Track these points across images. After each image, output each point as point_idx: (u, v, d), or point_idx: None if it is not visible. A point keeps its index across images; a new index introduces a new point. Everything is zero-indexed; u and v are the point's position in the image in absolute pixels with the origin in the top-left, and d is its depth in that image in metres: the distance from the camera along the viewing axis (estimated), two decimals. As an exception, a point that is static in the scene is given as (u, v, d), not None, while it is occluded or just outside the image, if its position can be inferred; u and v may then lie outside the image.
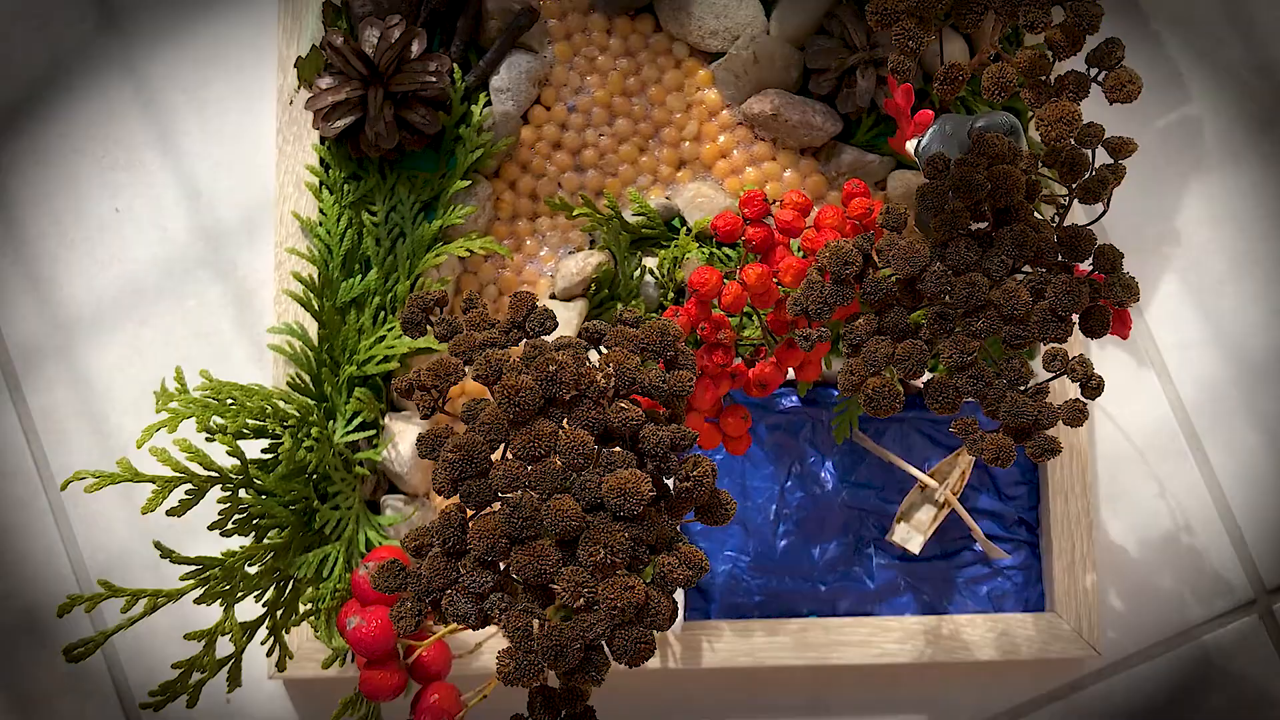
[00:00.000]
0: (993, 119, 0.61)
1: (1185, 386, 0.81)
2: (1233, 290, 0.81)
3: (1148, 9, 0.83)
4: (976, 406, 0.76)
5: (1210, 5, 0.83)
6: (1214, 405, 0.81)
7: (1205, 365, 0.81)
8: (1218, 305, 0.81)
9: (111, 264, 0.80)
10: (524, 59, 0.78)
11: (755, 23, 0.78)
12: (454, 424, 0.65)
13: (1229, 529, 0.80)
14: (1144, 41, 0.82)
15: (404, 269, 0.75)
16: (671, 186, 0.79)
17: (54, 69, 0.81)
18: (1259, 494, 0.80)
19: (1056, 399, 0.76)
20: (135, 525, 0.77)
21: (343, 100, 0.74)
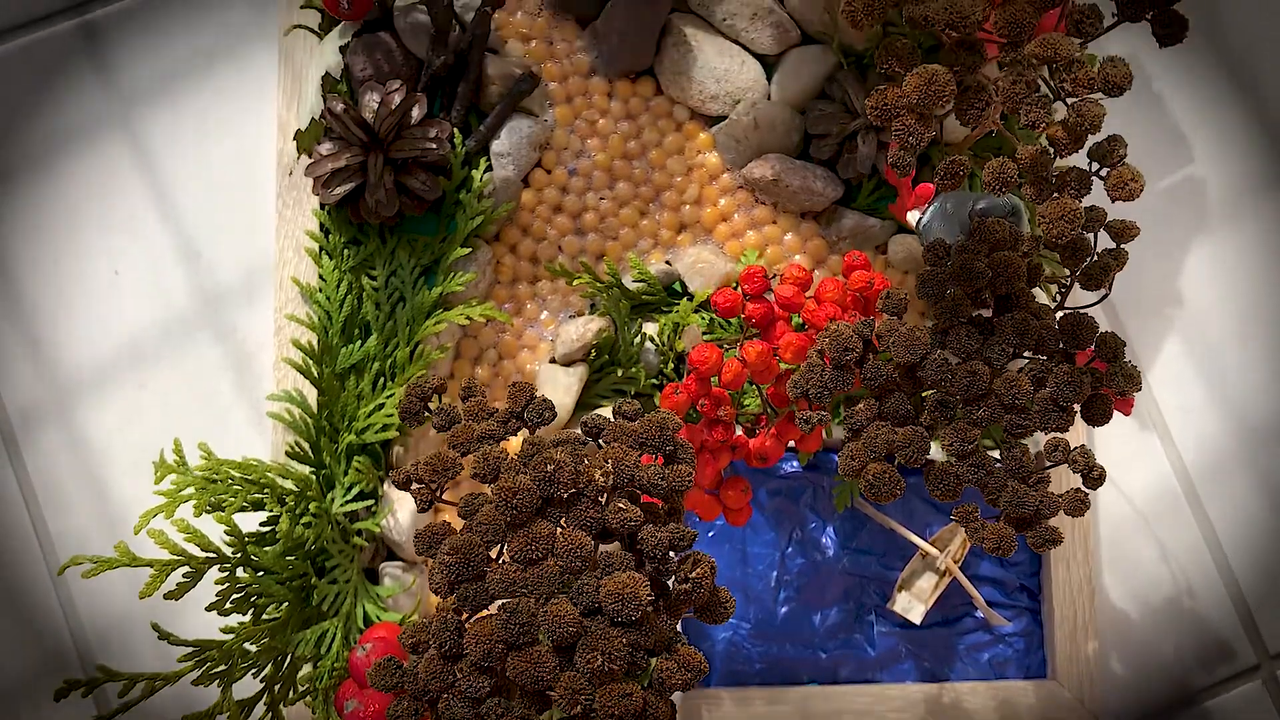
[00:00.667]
0: (994, 200, 0.60)
1: (1187, 449, 0.81)
2: (1235, 352, 0.81)
3: (1151, 70, 0.82)
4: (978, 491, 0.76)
5: (1213, 65, 0.83)
6: (1216, 468, 0.80)
7: (1207, 428, 0.81)
8: (1220, 368, 0.81)
9: (110, 326, 0.79)
10: (525, 123, 0.77)
11: (756, 87, 0.78)
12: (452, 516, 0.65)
13: (1231, 593, 0.80)
14: (1147, 102, 0.82)
15: (404, 335, 0.75)
16: (672, 250, 0.79)
17: (53, 130, 0.81)
18: (1262, 558, 0.80)
19: (1057, 478, 0.75)
20: (135, 589, 0.77)
21: (342, 167, 0.74)
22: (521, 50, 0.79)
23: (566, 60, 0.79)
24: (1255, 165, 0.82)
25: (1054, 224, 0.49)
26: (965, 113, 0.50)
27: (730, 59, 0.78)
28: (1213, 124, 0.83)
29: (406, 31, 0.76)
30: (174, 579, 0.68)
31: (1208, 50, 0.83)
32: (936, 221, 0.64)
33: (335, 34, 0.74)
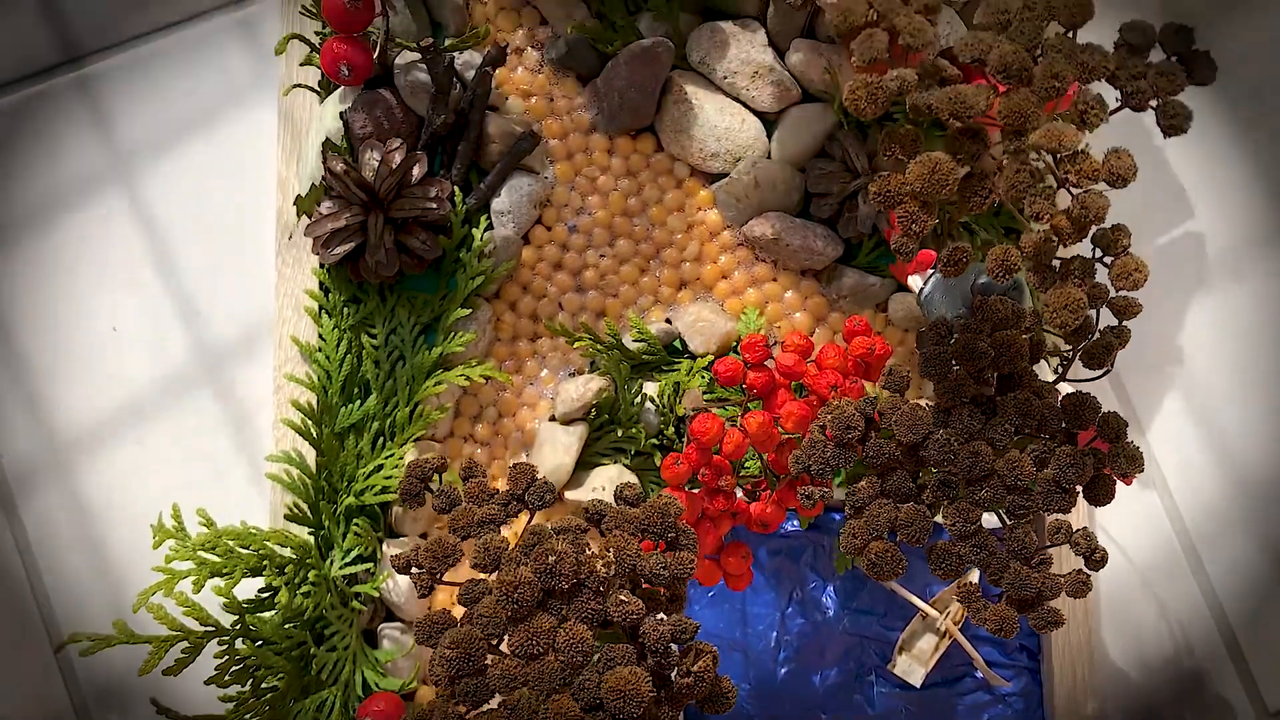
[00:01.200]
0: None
1: (1187, 507, 0.80)
2: (1236, 410, 0.81)
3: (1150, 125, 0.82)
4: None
5: (1215, 119, 0.83)
6: (1216, 525, 0.80)
7: (1207, 485, 0.81)
8: (1220, 425, 0.81)
9: (109, 383, 0.79)
10: (525, 181, 0.77)
11: (757, 144, 0.78)
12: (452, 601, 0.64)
13: (1231, 652, 0.79)
14: (1148, 157, 0.82)
15: (403, 394, 0.75)
16: (672, 308, 0.79)
17: (51, 184, 0.80)
18: (1262, 617, 0.80)
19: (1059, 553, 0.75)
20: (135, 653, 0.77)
21: (342, 227, 0.74)
22: (522, 106, 0.79)
23: (567, 117, 0.79)
24: (1256, 220, 0.82)
25: (1057, 313, 0.49)
26: (968, 200, 0.50)
27: (731, 117, 0.78)
28: (1214, 178, 0.83)
29: (407, 90, 0.76)
30: (173, 654, 0.67)
31: (1209, 104, 0.83)
32: (938, 293, 0.64)
33: (335, 98, 0.74)
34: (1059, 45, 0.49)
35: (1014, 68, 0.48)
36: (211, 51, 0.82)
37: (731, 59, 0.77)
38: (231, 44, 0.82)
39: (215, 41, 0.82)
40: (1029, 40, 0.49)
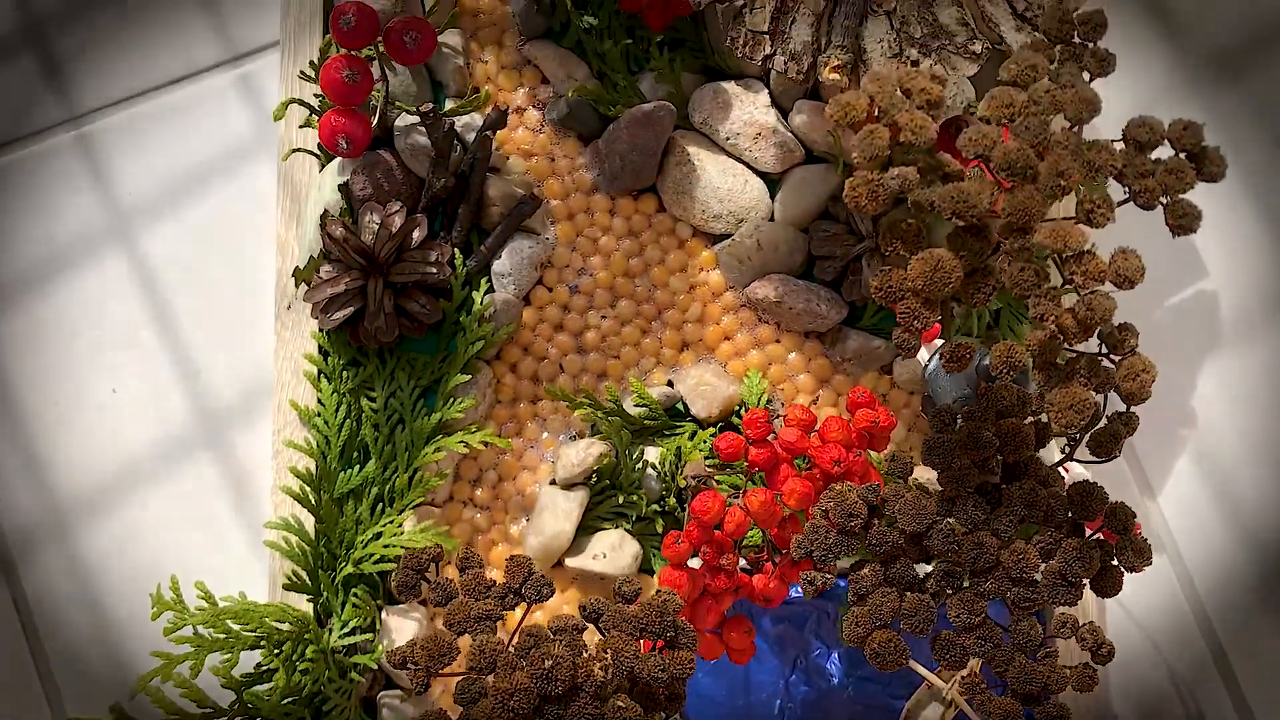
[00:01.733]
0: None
1: (1198, 570, 0.79)
2: (1248, 472, 0.80)
3: (1160, 182, 0.81)
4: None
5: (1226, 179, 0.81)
6: (1228, 590, 0.79)
7: (1218, 549, 0.79)
8: (1232, 487, 0.80)
9: (108, 445, 0.79)
10: (526, 243, 0.77)
11: (759, 206, 0.77)
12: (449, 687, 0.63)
13: (1243, 717, 0.78)
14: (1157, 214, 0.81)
15: (402, 460, 0.74)
16: (674, 370, 0.78)
17: (51, 244, 0.80)
18: (1274, 683, 0.79)
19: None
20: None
21: (341, 292, 0.73)
22: (523, 166, 0.78)
23: (568, 177, 0.79)
24: (1269, 280, 0.81)
25: (1063, 413, 0.48)
26: (972, 297, 0.49)
27: (733, 178, 0.77)
28: (1225, 237, 0.82)
29: (407, 152, 0.76)
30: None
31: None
32: (944, 374, 0.63)
33: (333, 169, 0.73)
34: (1065, 141, 0.48)
35: (1018, 165, 0.48)
36: (211, 109, 0.81)
37: (734, 120, 0.77)
38: (231, 101, 0.82)
39: (215, 99, 0.82)
40: (1034, 136, 0.48)
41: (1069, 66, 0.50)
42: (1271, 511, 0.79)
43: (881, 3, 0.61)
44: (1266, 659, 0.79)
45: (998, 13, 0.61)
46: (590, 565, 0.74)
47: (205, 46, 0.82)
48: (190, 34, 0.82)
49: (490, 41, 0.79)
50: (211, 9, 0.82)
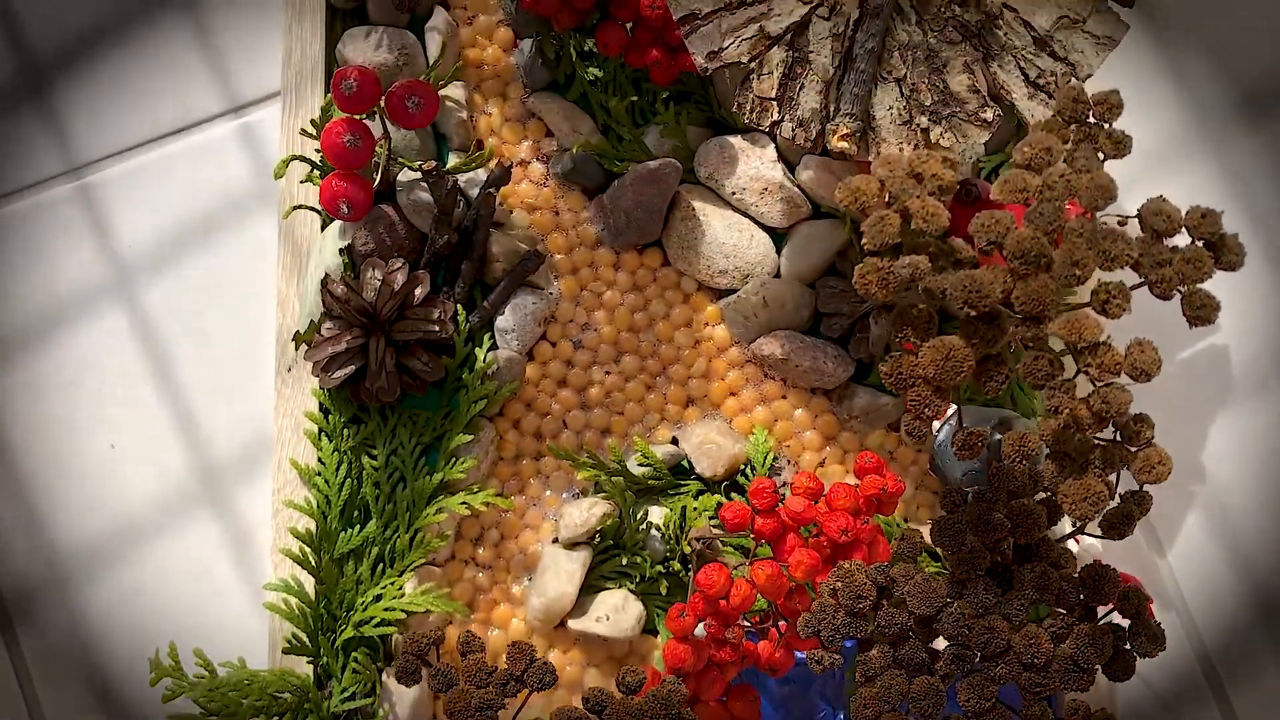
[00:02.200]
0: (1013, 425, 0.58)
1: (1208, 629, 0.78)
2: (1259, 531, 0.79)
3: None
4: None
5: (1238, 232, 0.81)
6: (1239, 649, 0.78)
7: (1229, 606, 0.79)
8: (1243, 545, 0.79)
9: (108, 501, 0.78)
10: (529, 299, 0.76)
11: (766, 261, 0.76)
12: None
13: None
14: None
15: (404, 520, 0.74)
16: (679, 426, 0.77)
17: (50, 297, 0.79)
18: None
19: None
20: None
21: (343, 350, 0.72)
22: (526, 220, 0.77)
23: (572, 231, 0.78)
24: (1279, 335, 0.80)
25: (1076, 505, 0.48)
26: (985, 385, 0.48)
27: (739, 234, 0.76)
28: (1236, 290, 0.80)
29: (410, 208, 0.75)
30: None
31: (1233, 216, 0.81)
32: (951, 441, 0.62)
33: (335, 230, 0.72)
34: (1080, 229, 0.47)
35: (1032, 254, 0.47)
36: (211, 160, 0.81)
37: (740, 175, 0.76)
38: (231, 152, 0.81)
39: (215, 149, 0.81)
40: (1048, 222, 0.48)
41: (1084, 148, 0.50)
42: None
43: (891, 70, 0.60)
44: (1277, 717, 0.78)
45: (1009, 80, 0.61)
46: (593, 628, 0.73)
47: (205, 96, 0.81)
48: (190, 83, 0.81)
49: (494, 94, 0.78)
50: (212, 58, 0.81)
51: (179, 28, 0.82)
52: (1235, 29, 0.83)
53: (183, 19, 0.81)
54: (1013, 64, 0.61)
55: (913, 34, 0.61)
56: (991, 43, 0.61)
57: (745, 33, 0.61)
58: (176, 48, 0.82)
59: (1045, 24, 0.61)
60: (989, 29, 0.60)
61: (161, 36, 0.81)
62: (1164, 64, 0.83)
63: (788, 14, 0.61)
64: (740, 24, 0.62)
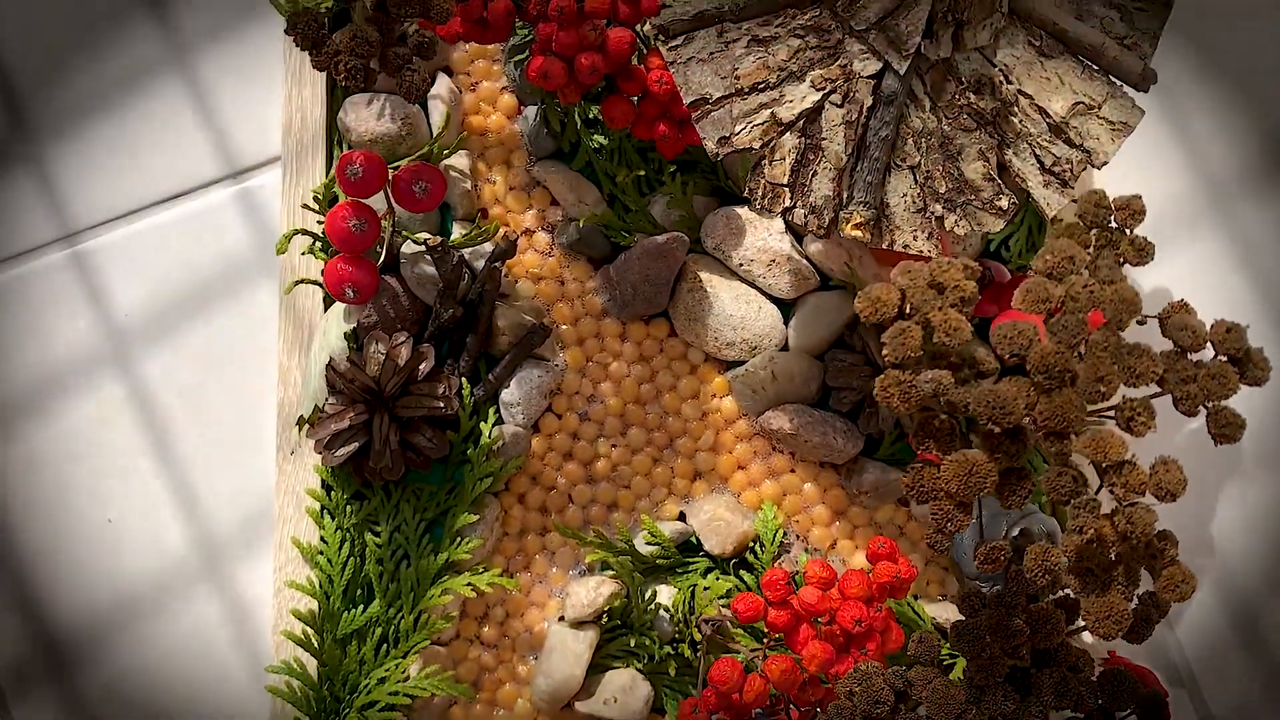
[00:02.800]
0: (1032, 521, 0.58)
1: (1218, 705, 0.78)
2: (1269, 604, 0.78)
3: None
4: None
5: (1249, 310, 0.80)
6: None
7: (1240, 681, 0.78)
8: (1253, 619, 0.78)
9: (105, 577, 0.77)
10: (535, 372, 0.75)
11: (774, 333, 0.75)
12: None
13: None
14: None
15: (408, 600, 0.72)
16: (687, 501, 0.76)
17: (47, 369, 0.78)
18: (1296, 818, 0.77)
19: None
20: None
21: (346, 428, 0.71)
22: (532, 290, 0.76)
23: (578, 301, 0.77)
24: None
25: (1100, 623, 0.47)
26: (1007, 499, 0.47)
27: (747, 305, 0.75)
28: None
29: (414, 280, 0.74)
30: None
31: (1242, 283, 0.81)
32: (969, 536, 0.61)
33: (339, 313, 0.71)
34: (1104, 343, 0.47)
35: (1055, 369, 0.46)
36: (210, 226, 0.79)
37: (748, 246, 0.75)
38: (231, 218, 0.80)
39: (214, 215, 0.80)
40: (1071, 336, 0.47)
41: (1106, 256, 0.49)
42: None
43: (905, 157, 0.60)
44: (1289, 793, 0.77)
45: (1025, 168, 0.60)
46: (601, 711, 0.72)
47: (204, 161, 0.80)
48: (188, 148, 0.80)
49: (498, 161, 0.77)
50: (210, 122, 0.80)
51: (176, 91, 0.80)
52: (1244, 95, 0.83)
53: (180, 82, 0.80)
54: (1028, 151, 0.60)
55: (927, 121, 0.60)
56: (1007, 130, 0.60)
57: (757, 118, 0.60)
58: (174, 111, 0.80)
59: (1061, 110, 0.60)
60: (1004, 116, 0.60)
61: (158, 99, 0.80)
62: (1172, 129, 0.82)
63: (800, 100, 0.60)
64: (751, 109, 0.61)
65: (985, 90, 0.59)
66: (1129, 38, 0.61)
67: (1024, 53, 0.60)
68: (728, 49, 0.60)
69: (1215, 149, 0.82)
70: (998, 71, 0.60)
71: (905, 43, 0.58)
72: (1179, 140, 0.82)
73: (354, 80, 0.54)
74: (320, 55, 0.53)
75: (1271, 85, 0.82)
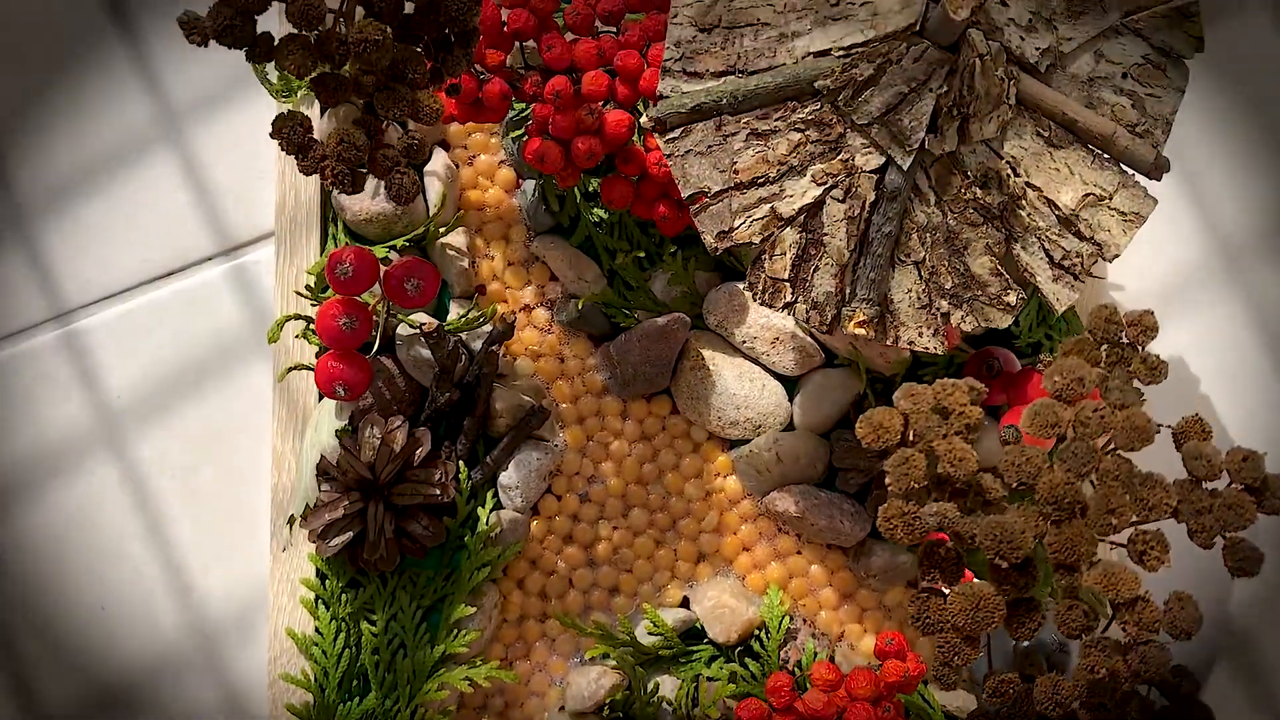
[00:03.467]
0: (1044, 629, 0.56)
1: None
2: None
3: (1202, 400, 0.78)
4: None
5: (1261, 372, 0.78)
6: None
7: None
8: (1272, 697, 0.76)
9: (98, 666, 0.75)
10: (534, 455, 0.73)
11: (778, 411, 0.74)
12: None
13: None
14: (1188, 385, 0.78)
15: (404, 692, 0.71)
16: (690, 585, 0.75)
17: (38, 451, 0.77)
18: None
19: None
20: None
21: (340, 517, 0.70)
22: (531, 368, 0.75)
23: (578, 379, 0.75)
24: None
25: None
26: (1016, 631, 0.45)
27: (750, 384, 0.73)
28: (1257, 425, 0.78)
29: (409, 362, 0.72)
30: None
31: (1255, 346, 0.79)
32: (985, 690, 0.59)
33: (331, 410, 0.69)
34: (1116, 470, 0.45)
35: (1065, 500, 0.44)
36: (203, 304, 0.78)
37: (751, 324, 0.73)
38: (224, 295, 0.78)
39: (207, 293, 0.78)
40: (1081, 464, 0.45)
41: (1118, 376, 0.47)
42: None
43: (910, 253, 0.58)
44: None
45: (1033, 262, 0.58)
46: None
47: (196, 236, 0.79)
48: (180, 223, 0.79)
49: (496, 237, 0.76)
50: (203, 199, 0.79)
51: (168, 164, 0.79)
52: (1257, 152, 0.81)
53: (171, 158, 0.79)
54: (1036, 245, 0.58)
55: (932, 215, 0.58)
56: (1014, 224, 0.58)
57: (756, 213, 0.59)
58: (165, 185, 0.79)
59: (1070, 202, 0.58)
60: (1012, 210, 0.58)
61: (149, 173, 0.79)
62: (1185, 191, 0.80)
63: (800, 195, 0.58)
64: (751, 204, 0.59)
65: (992, 184, 0.57)
66: (1141, 125, 0.59)
67: (1032, 143, 0.58)
68: (726, 142, 0.59)
69: (1228, 208, 0.81)
70: (1005, 164, 0.58)
71: (909, 138, 0.56)
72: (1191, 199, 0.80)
73: (341, 186, 0.52)
74: (306, 160, 0.51)
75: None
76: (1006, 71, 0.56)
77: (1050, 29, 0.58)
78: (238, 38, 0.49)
